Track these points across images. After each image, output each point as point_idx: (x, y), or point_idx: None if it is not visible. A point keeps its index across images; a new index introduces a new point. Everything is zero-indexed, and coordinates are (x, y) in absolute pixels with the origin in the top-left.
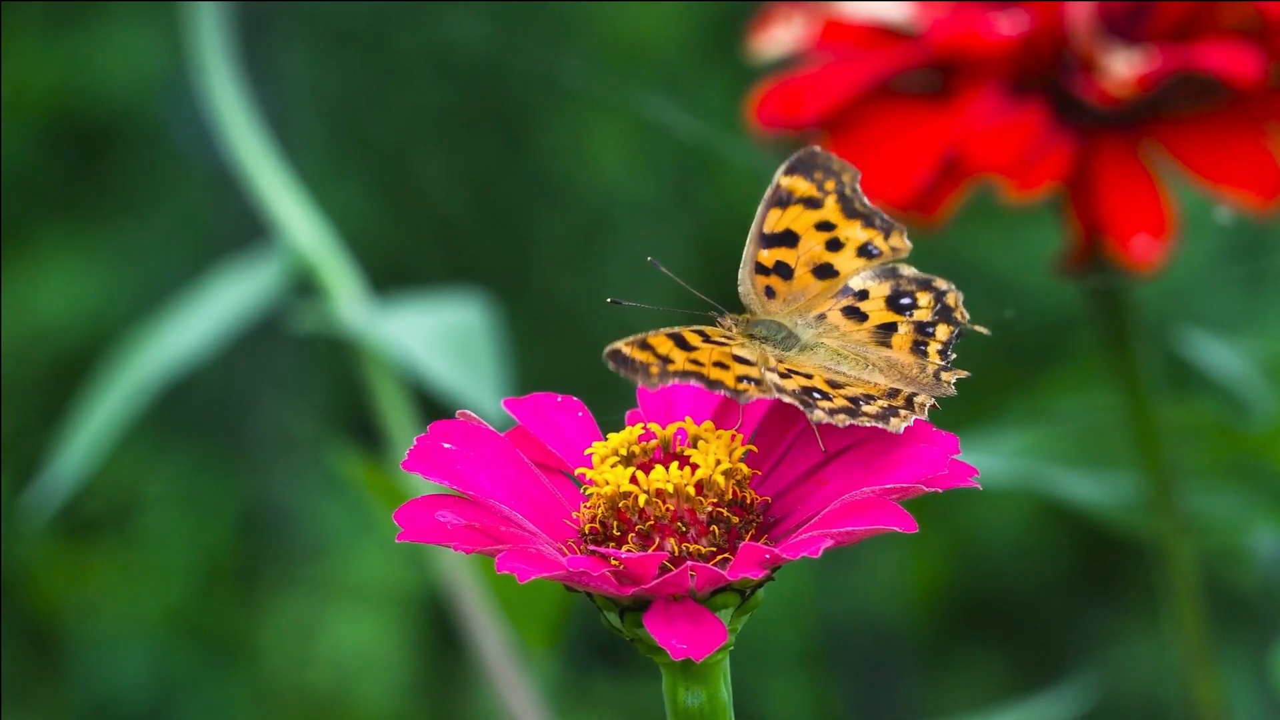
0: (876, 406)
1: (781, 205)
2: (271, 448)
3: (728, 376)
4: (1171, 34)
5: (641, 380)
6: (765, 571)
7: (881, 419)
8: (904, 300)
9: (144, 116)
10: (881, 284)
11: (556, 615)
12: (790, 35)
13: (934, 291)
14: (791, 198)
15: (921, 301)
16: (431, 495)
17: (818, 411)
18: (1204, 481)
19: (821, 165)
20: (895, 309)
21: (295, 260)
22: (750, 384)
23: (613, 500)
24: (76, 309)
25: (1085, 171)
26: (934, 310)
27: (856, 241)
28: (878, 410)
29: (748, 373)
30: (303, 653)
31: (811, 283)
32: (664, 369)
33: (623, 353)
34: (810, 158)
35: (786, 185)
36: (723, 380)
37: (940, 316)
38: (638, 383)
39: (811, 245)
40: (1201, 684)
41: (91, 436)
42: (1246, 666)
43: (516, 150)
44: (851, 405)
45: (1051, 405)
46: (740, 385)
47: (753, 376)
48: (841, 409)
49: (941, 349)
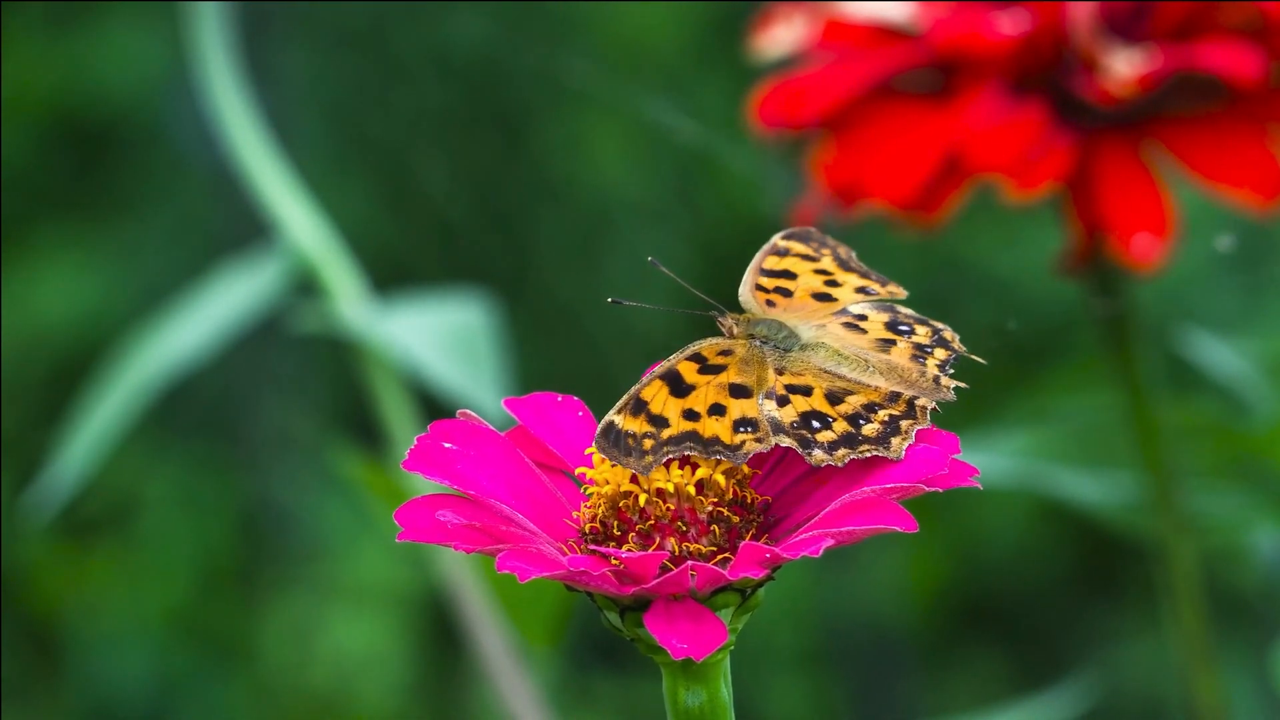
0: (875, 427)
1: (779, 255)
2: (271, 448)
3: (723, 428)
4: (1172, 34)
5: (635, 468)
6: (766, 571)
7: (881, 442)
8: (902, 327)
9: (144, 117)
10: (880, 313)
11: (558, 614)
12: (791, 35)
13: (931, 327)
14: (789, 252)
15: (919, 331)
16: (432, 495)
17: (817, 453)
18: (1204, 481)
19: (817, 238)
20: (894, 332)
21: (296, 260)
22: (748, 433)
23: (613, 500)
24: (77, 309)
25: (1086, 171)
26: (931, 339)
27: (854, 284)
28: (876, 432)
29: (744, 413)
30: (303, 653)
31: (811, 302)
32: (658, 441)
33: (615, 428)
34: (805, 234)
35: (784, 244)
36: (719, 437)
37: (937, 344)
38: (630, 470)
39: (810, 281)
40: (1202, 684)
41: (92, 437)
42: (1247, 666)
43: (516, 150)
44: (851, 432)
45: (1051, 405)
46: (737, 438)
47: (750, 417)
48: (841, 440)
49: (940, 364)
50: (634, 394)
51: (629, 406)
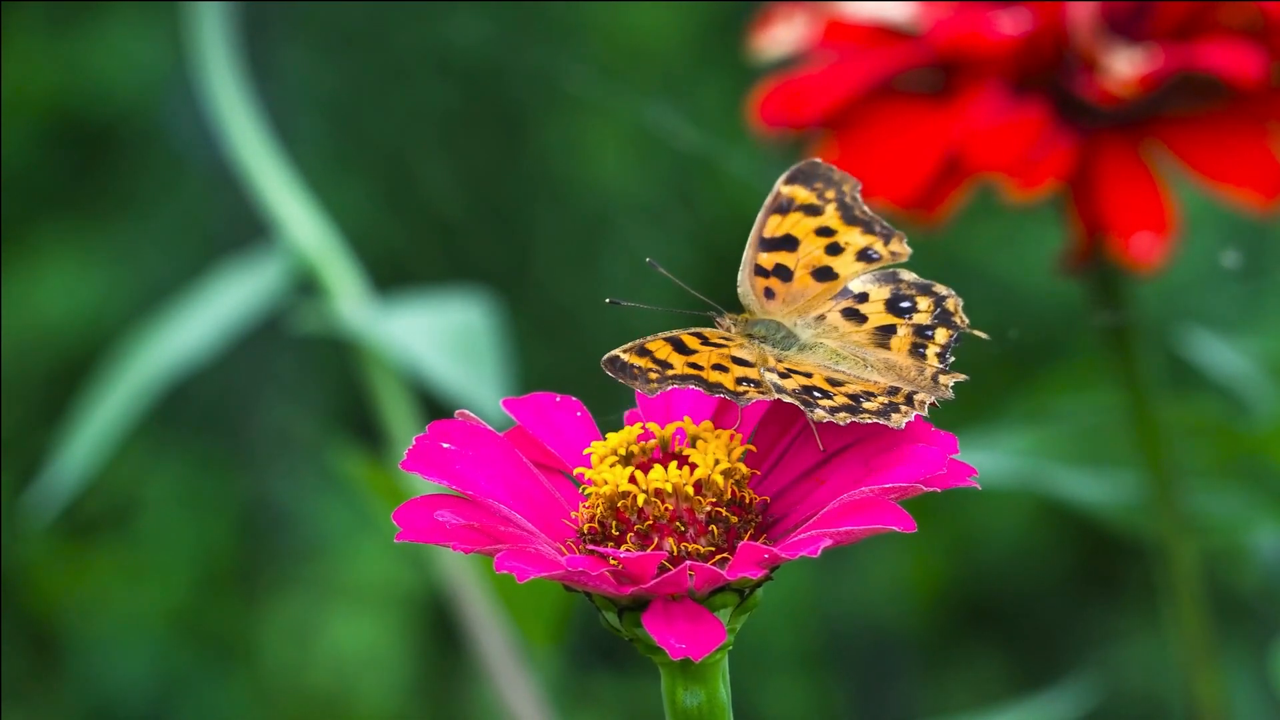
0: (877, 403)
1: (781, 212)
2: (271, 448)
3: (727, 379)
4: (1173, 33)
5: (640, 387)
6: (764, 571)
7: (883, 415)
8: (904, 304)
9: (145, 116)
10: (881, 287)
11: (559, 614)
12: (792, 35)
13: (934, 296)
14: (792, 204)
15: (921, 305)
16: (430, 495)
17: (818, 410)
18: (1205, 481)
19: (822, 175)
20: (895, 312)
21: (296, 260)
22: (750, 386)
23: (611, 500)
24: (77, 309)
25: (1087, 171)
26: (933, 314)
27: (856, 246)
28: (878, 406)
29: (747, 374)
30: (303, 653)
31: (811, 284)
32: (663, 374)
33: (621, 359)
34: (811, 168)
35: (787, 193)
36: (722, 383)
37: (939, 321)
38: (637, 390)
39: (811, 249)
40: (1202, 683)
41: (93, 437)
42: (1247, 666)
43: (516, 150)
44: (852, 402)
45: (1052, 405)
46: (740, 387)
47: (752, 378)
48: (842, 406)
49: (940, 352)
50: (638, 342)
51: (634, 349)
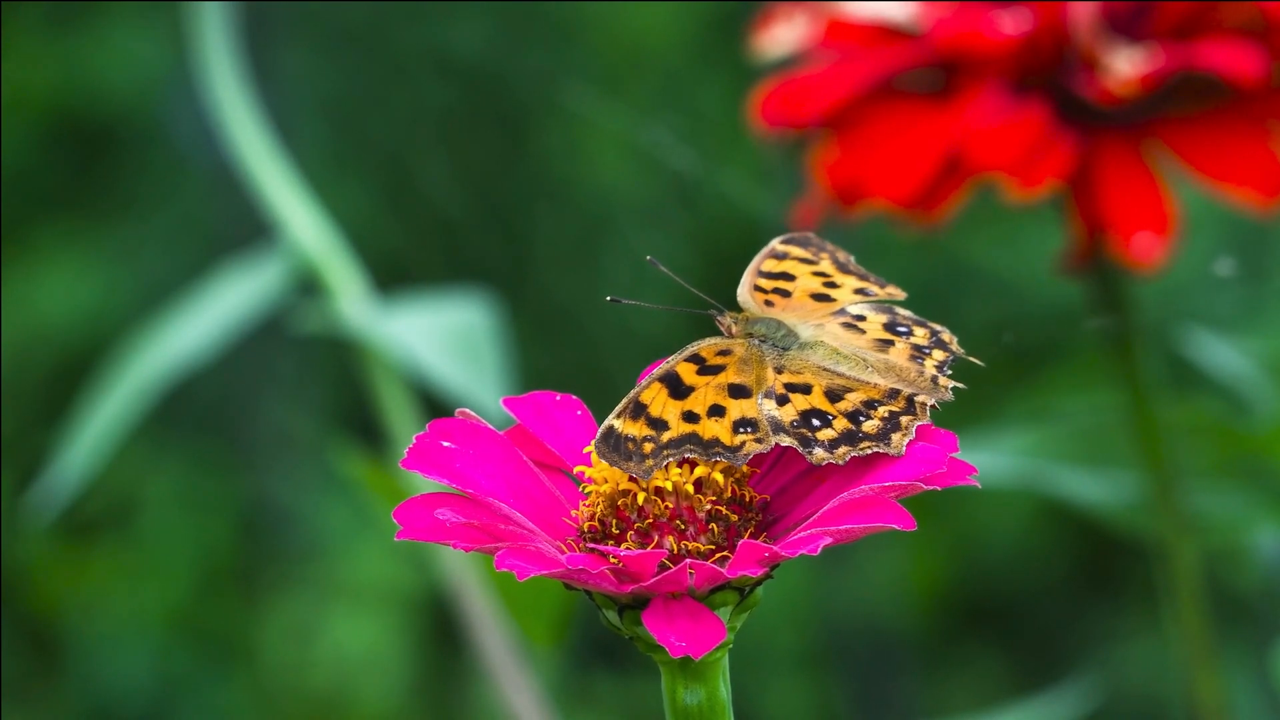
0: (875, 424)
1: (778, 259)
2: (271, 448)
3: (723, 429)
4: (1174, 33)
5: (635, 470)
6: (764, 569)
7: (882, 438)
8: (900, 329)
9: (145, 116)
10: (878, 314)
11: (560, 613)
12: (792, 34)
13: (929, 329)
14: (788, 255)
15: (917, 333)
16: (431, 493)
17: (818, 451)
18: (1205, 481)
19: (816, 244)
20: (892, 333)
21: (297, 260)
22: (748, 433)
23: (611, 498)
24: (77, 309)
25: (1087, 170)
26: (930, 340)
27: (853, 286)
28: (877, 427)
29: (744, 413)
30: (303, 653)
31: (810, 303)
32: (657, 445)
33: (615, 433)
34: (805, 237)
35: (782, 249)
36: (719, 438)
37: (935, 345)
38: (630, 474)
39: (809, 282)
40: (1203, 684)
41: (94, 437)
42: (1248, 666)
43: (516, 150)
44: (852, 430)
45: (1052, 405)
46: (737, 439)
47: (749, 418)
48: (842, 438)
49: (939, 365)
50: (633, 397)
51: (628, 410)
